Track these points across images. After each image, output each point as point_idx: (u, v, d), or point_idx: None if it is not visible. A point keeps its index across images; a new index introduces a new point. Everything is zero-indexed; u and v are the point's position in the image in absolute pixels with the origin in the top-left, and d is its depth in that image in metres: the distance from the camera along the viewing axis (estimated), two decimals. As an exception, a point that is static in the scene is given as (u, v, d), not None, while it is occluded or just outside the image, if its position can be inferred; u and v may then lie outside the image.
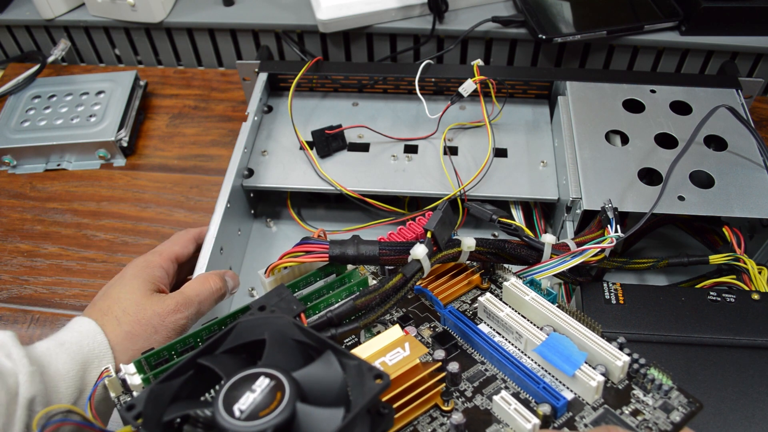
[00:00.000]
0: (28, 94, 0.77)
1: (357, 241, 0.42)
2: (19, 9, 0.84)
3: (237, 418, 0.28)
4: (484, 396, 0.37)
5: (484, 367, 0.39)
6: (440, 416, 0.36)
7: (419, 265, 0.40)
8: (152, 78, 0.84)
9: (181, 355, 0.39)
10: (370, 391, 0.28)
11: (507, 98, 0.69)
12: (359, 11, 0.74)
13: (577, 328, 0.38)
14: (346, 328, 0.38)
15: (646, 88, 0.65)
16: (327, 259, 0.42)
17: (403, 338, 0.37)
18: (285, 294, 0.39)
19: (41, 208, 0.70)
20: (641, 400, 0.36)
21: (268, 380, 0.29)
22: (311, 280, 0.43)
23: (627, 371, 0.37)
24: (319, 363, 0.31)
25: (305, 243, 0.42)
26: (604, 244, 0.46)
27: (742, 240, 0.54)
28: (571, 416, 0.35)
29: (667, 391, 0.36)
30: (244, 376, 0.30)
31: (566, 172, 0.58)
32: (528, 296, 0.40)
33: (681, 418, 0.35)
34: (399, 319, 0.43)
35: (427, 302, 0.44)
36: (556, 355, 0.36)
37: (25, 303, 0.61)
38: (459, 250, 0.43)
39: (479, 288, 0.45)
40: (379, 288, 0.39)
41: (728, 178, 0.56)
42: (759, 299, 0.48)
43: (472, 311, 0.43)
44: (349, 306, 0.38)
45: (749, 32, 0.72)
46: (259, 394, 0.29)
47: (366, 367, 0.30)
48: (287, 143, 0.66)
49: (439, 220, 0.41)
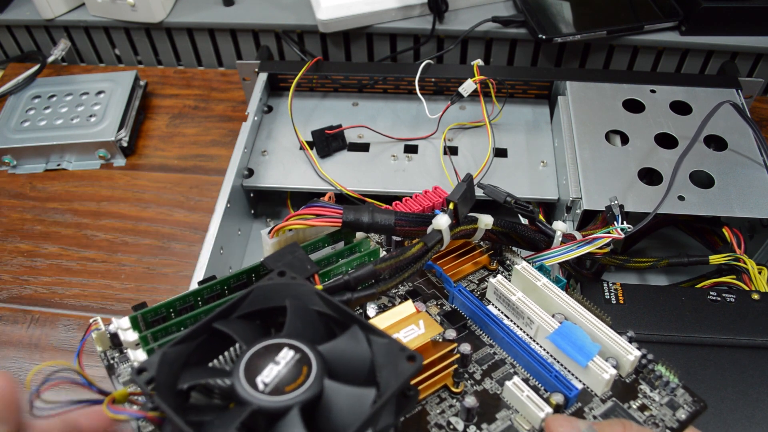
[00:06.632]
0: (28, 94, 0.77)
1: (372, 208, 0.40)
2: (19, 9, 0.84)
3: (261, 391, 0.26)
4: (494, 380, 0.37)
5: (492, 350, 0.38)
6: (449, 398, 0.36)
7: (440, 236, 0.38)
8: (152, 78, 0.84)
9: (180, 314, 0.36)
10: (403, 373, 0.27)
11: (507, 98, 0.69)
12: (359, 11, 0.74)
13: (589, 318, 0.37)
14: (362, 293, 0.36)
15: (646, 88, 0.65)
16: (339, 224, 0.39)
17: (417, 315, 0.36)
18: (298, 253, 0.36)
19: (41, 208, 0.70)
20: (648, 395, 0.36)
21: (292, 353, 0.27)
22: (319, 245, 0.40)
23: (635, 366, 0.37)
24: (346, 338, 0.29)
25: (315, 206, 0.39)
26: (614, 234, 0.46)
27: (742, 240, 0.54)
28: (580, 407, 0.35)
29: (674, 388, 0.36)
30: (266, 345, 0.27)
31: (566, 172, 0.58)
32: (540, 282, 0.39)
33: (687, 416, 0.34)
34: (406, 293, 0.42)
35: (434, 278, 0.43)
36: (569, 345, 0.36)
37: (25, 303, 0.61)
38: (475, 227, 0.41)
39: (487, 268, 0.44)
40: (400, 255, 0.37)
41: (728, 178, 0.56)
42: (759, 299, 0.48)
43: (480, 291, 0.42)
44: (369, 270, 0.36)
45: (749, 32, 0.72)
46: (284, 367, 0.27)
47: (398, 347, 0.28)
48: (287, 143, 0.66)
49: (463, 192, 0.39)
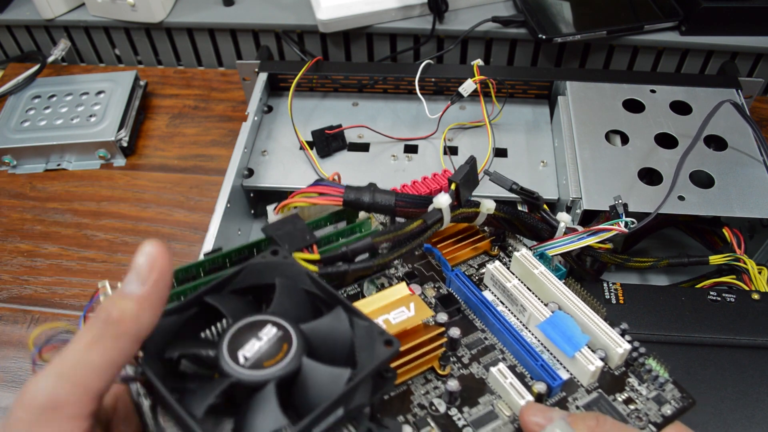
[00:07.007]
0: (28, 94, 0.77)
1: (373, 188, 0.40)
2: (19, 9, 0.84)
3: (241, 365, 0.27)
4: (481, 365, 0.37)
5: (484, 335, 0.39)
6: (435, 379, 0.37)
7: (440, 215, 0.39)
8: (152, 78, 0.84)
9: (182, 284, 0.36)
10: (379, 357, 0.28)
11: (507, 98, 0.69)
12: (359, 11, 0.74)
13: (581, 308, 0.37)
14: (358, 266, 0.37)
15: (646, 88, 0.65)
16: (340, 203, 0.39)
17: (408, 297, 0.36)
18: (299, 224, 0.37)
19: (41, 208, 0.70)
20: (635, 389, 0.36)
21: (275, 330, 0.28)
22: (321, 224, 0.41)
23: (626, 359, 0.37)
24: (329, 318, 0.30)
25: (319, 184, 0.40)
26: (619, 228, 0.45)
27: (742, 240, 0.54)
28: (564, 396, 0.35)
29: (663, 383, 0.36)
30: (251, 321, 0.29)
31: (566, 172, 0.58)
32: (537, 270, 0.39)
33: (672, 412, 0.34)
34: (404, 275, 0.42)
35: (434, 261, 0.43)
36: (558, 334, 0.36)
37: (25, 303, 0.61)
38: (477, 211, 0.41)
39: (488, 254, 0.44)
40: (398, 229, 0.38)
41: (728, 178, 0.56)
42: (759, 299, 0.48)
43: (479, 276, 0.43)
44: (366, 242, 0.37)
45: (749, 32, 0.72)
46: (266, 343, 0.28)
47: (377, 331, 0.29)
48: (287, 143, 0.66)
49: (465, 174, 0.39)
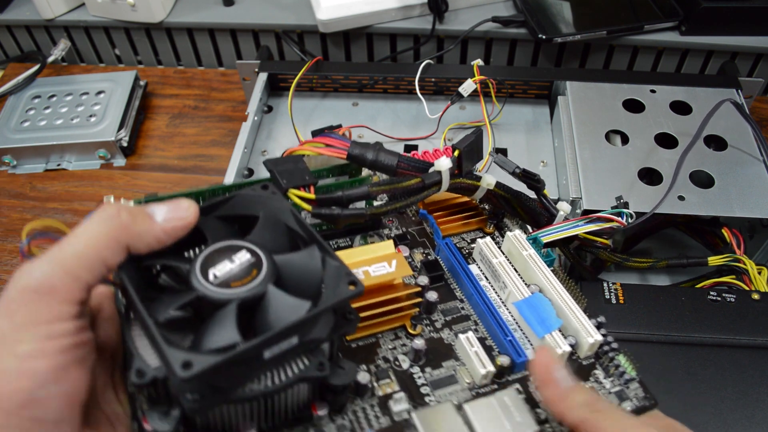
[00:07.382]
0: (28, 94, 0.77)
1: (379, 147, 0.41)
2: (19, 9, 0.84)
3: (209, 282, 0.28)
4: (452, 332, 0.38)
5: (461, 305, 0.39)
6: (404, 337, 0.37)
7: (439, 177, 0.39)
8: (152, 78, 0.84)
9: None
10: (340, 294, 0.29)
11: (507, 98, 0.69)
12: (359, 11, 0.74)
13: (561, 294, 0.37)
14: (350, 212, 0.38)
15: (646, 88, 0.65)
16: (345, 156, 0.40)
17: (392, 254, 0.37)
18: (301, 164, 0.38)
19: (41, 208, 0.69)
20: (600, 381, 0.36)
21: (249, 255, 0.30)
22: (324, 174, 0.42)
23: (596, 350, 0.37)
24: (302, 254, 0.31)
25: (327, 136, 0.41)
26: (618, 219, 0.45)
27: (741, 241, 0.54)
28: (526, 375, 0.36)
29: (628, 380, 0.36)
30: (228, 245, 0.30)
31: (566, 172, 0.58)
32: (526, 252, 0.40)
33: (632, 409, 0.35)
34: (396, 237, 0.43)
35: (428, 229, 0.44)
36: (533, 315, 0.36)
37: (25, 303, 0.61)
38: (477, 184, 0.42)
39: (483, 231, 0.45)
40: (395, 182, 0.39)
41: (728, 177, 0.56)
42: (759, 299, 0.48)
43: (469, 250, 0.43)
44: (362, 190, 0.38)
45: (749, 32, 0.72)
46: (237, 266, 0.29)
47: (344, 271, 0.30)
48: (287, 143, 0.66)
49: (469, 143, 0.40)
